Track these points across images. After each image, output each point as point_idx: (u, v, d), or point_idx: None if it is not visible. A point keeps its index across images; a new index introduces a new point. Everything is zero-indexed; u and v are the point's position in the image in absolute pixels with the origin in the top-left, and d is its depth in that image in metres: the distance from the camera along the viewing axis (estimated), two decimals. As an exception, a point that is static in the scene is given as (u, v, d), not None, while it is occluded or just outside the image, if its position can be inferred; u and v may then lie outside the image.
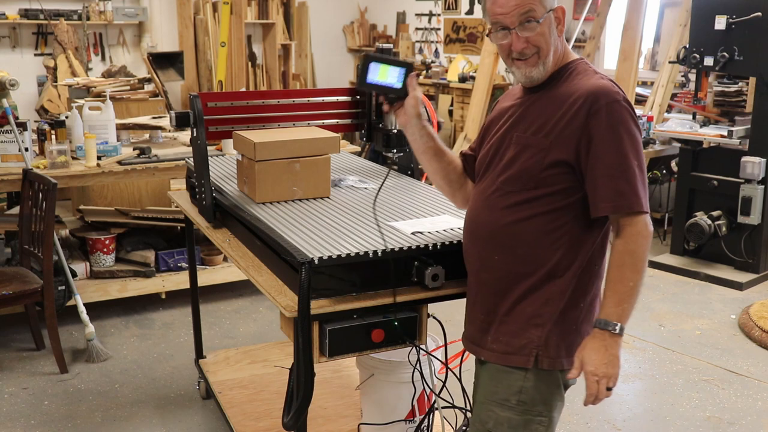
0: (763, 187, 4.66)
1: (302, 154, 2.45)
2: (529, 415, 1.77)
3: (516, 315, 1.76)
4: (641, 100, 6.19)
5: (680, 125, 5.16)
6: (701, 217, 4.84)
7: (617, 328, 1.68)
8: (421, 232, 2.04)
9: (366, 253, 1.89)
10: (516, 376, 1.77)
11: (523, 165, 1.74)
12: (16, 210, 4.05)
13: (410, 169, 2.82)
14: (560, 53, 1.79)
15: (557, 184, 1.71)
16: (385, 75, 1.87)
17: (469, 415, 2.70)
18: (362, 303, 1.89)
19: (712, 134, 4.98)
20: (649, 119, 5.49)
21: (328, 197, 2.48)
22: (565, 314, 1.77)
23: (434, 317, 2.24)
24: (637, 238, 1.67)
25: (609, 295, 1.69)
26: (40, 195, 3.48)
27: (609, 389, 1.70)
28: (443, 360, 2.35)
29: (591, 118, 1.66)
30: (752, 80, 5.23)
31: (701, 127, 5.13)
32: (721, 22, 4.63)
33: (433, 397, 2.47)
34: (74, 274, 3.94)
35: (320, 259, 1.84)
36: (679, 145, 5.17)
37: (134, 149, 4.04)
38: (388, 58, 1.88)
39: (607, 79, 1.74)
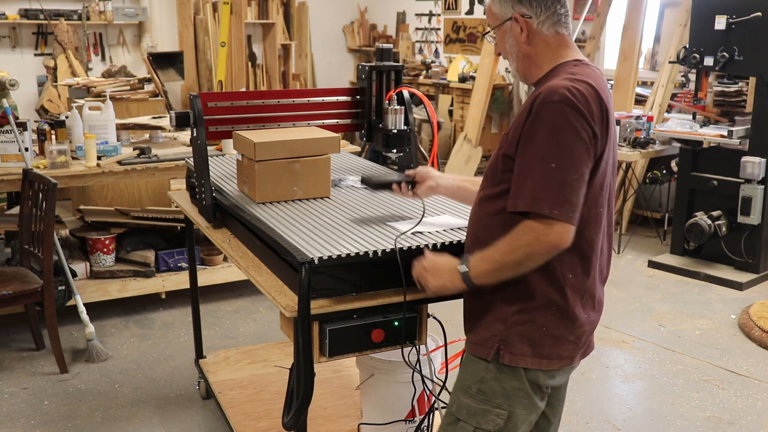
0: (763, 187, 4.66)
1: (302, 154, 2.44)
2: (487, 405, 1.80)
3: (486, 308, 1.80)
4: (641, 100, 6.19)
5: (680, 125, 5.17)
6: (701, 217, 4.84)
7: (463, 268, 1.75)
8: (421, 233, 2.04)
9: (366, 253, 1.89)
10: (479, 366, 1.81)
11: (491, 162, 1.82)
12: (16, 210, 4.05)
13: (410, 169, 2.81)
14: (539, 56, 1.79)
15: (510, 181, 1.72)
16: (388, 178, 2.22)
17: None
18: (362, 303, 1.90)
19: (712, 134, 4.98)
20: (649, 119, 5.49)
21: (328, 197, 2.48)
22: (532, 314, 1.75)
23: (434, 317, 2.24)
24: (525, 234, 1.65)
25: (483, 250, 1.73)
26: (40, 195, 3.48)
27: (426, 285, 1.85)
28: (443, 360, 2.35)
29: (529, 117, 1.67)
30: (752, 80, 5.23)
31: (701, 127, 5.13)
32: (721, 22, 4.63)
33: (433, 398, 2.47)
34: (74, 274, 3.94)
35: (320, 259, 1.84)
36: (679, 145, 5.17)
37: (134, 149, 4.04)
38: (383, 181, 2.22)
39: (571, 80, 1.67)
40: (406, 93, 2.74)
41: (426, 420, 2.49)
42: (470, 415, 1.82)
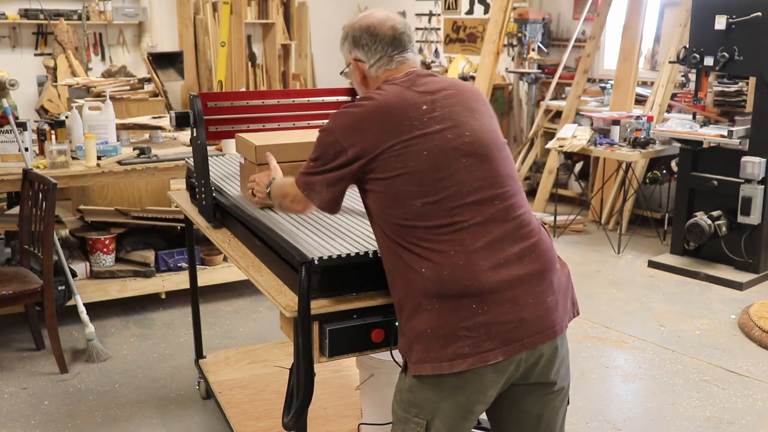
0: (763, 187, 4.66)
1: (305, 158, 2.40)
2: (407, 413, 1.81)
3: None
4: (641, 100, 6.19)
5: (680, 125, 5.17)
6: (701, 217, 4.84)
7: (270, 183, 2.19)
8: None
9: (366, 253, 1.89)
10: (401, 376, 1.85)
11: None
12: (16, 210, 4.05)
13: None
14: (368, 92, 1.94)
15: None
16: None
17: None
18: (362, 303, 1.90)
19: (712, 134, 4.98)
20: (649, 119, 5.49)
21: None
22: (414, 318, 1.75)
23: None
24: (284, 187, 2.05)
25: (283, 179, 2.16)
26: (40, 195, 3.48)
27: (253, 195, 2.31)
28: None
29: None
30: (752, 80, 5.23)
31: (701, 127, 5.13)
32: (721, 22, 4.63)
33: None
34: (74, 274, 3.94)
35: (320, 259, 1.84)
36: (679, 145, 5.17)
37: (134, 149, 4.04)
38: None
39: (369, 95, 1.86)
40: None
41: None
42: (398, 420, 1.85)
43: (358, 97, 1.97)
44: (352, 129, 1.81)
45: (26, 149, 3.73)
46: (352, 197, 2.48)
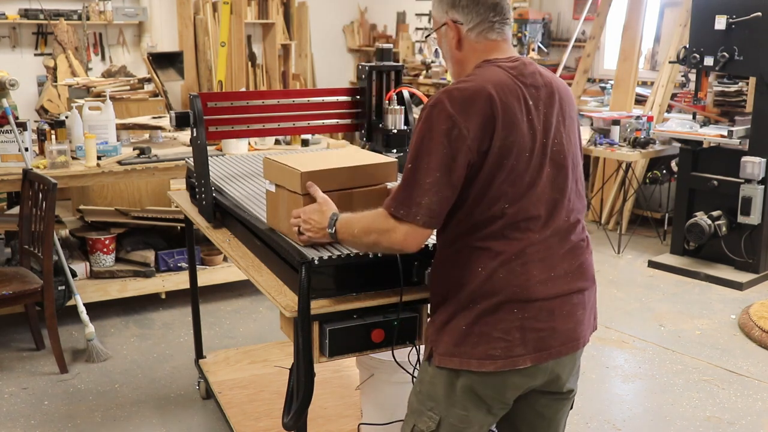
0: (763, 187, 4.66)
1: (357, 185, 2.03)
2: (422, 406, 1.82)
3: (432, 307, 1.87)
4: (641, 100, 6.19)
5: (680, 125, 5.17)
6: (701, 217, 4.84)
7: (332, 231, 1.85)
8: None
9: (366, 253, 1.89)
10: (424, 366, 1.85)
11: None
12: (16, 210, 4.05)
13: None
14: (467, 61, 1.83)
15: None
16: None
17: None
18: (362, 303, 1.89)
19: (712, 134, 4.98)
20: (649, 119, 5.49)
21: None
22: (454, 315, 1.75)
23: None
24: (380, 222, 1.72)
25: (352, 215, 1.83)
26: (40, 195, 3.48)
27: (300, 233, 1.94)
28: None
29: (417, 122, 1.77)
30: (752, 80, 5.23)
31: (701, 127, 5.13)
32: (721, 22, 4.63)
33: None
34: (74, 274, 3.94)
35: (320, 259, 1.84)
36: (679, 145, 5.17)
37: (134, 149, 4.04)
38: None
39: (461, 82, 1.71)
40: (406, 93, 2.74)
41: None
42: (412, 412, 1.86)
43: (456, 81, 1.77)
44: (468, 109, 1.65)
45: (26, 149, 3.73)
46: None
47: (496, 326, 1.71)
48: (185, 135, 4.44)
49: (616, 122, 5.45)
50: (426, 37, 1.96)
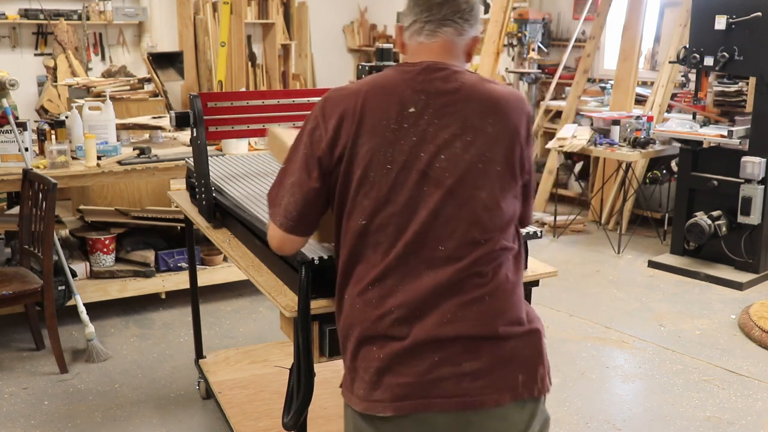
0: (763, 187, 4.66)
1: None
2: None
3: None
4: (641, 100, 6.19)
5: (680, 125, 5.17)
6: (701, 217, 4.84)
7: None
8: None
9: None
10: None
11: None
12: (16, 210, 4.05)
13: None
14: None
15: None
16: None
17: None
18: (362, 303, 1.89)
19: (712, 134, 4.98)
20: (649, 119, 5.49)
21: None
22: (342, 344, 1.67)
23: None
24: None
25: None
26: (40, 195, 3.48)
27: None
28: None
29: None
30: (752, 80, 5.23)
31: (701, 127, 5.13)
32: (721, 22, 4.63)
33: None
34: (74, 274, 3.94)
35: (320, 258, 1.84)
36: (679, 145, 5.17)
37: (134, 149, 4.04)
38: None
39: (345, 86, 1.67)
40: (406, 93, 2.73)
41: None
42: None
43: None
44: (333, 110, 1.58)
45: (26, 149, 3.73)
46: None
47: (361, 364, 1.58)
48: (185, 135, 4.44)
49: (616, 122, 5.45)
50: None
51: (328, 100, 1.62)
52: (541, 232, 2.13)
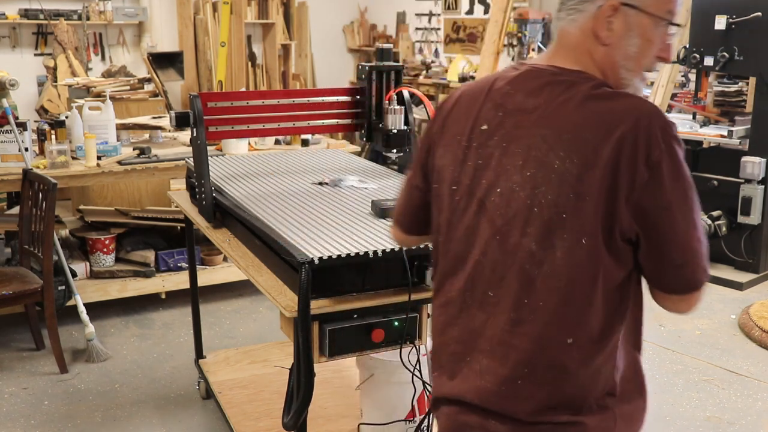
0: (763, 187, 4.66)
1: None
2: None
3: None
4: (641, 100, 6.18)
5: (680, 125, 5.16)
6: (701, 217, 4.84)
7: None
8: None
9: (366, 253, 1.89)
10: None
11: None
12: (16, 210, 4.05)
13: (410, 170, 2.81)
14: None
15: None
16: None
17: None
18: (362, 303, 1.89)
19: (712, 134, 4.98)
20: (649, 119, 5.48)
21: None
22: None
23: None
24: None
25: None
26: (40, 195, 3.48)
27: None
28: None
29: None
30: (752, 80, 5.22)
31: (701, 127, 5.13)
32: (721, 22, 4.63)
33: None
34: (74, 274, 3.94)
35: (320, 259, 1.84)
36: (679, 145, 5.16)
37: (134, 149, 4.04)
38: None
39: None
40: (406, 93, 2.74)
41: (426, 420, 2.49)
42: None
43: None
44: (441, 105, 1.47)
45: (26, 149, 3.73)
46: (362, 200, 2.48)
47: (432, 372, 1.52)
48: (185, 135, 4.44)
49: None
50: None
51: (448, 97, 1.47)
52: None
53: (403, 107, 2.71)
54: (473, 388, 1.34)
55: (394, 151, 2.74)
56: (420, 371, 2.32)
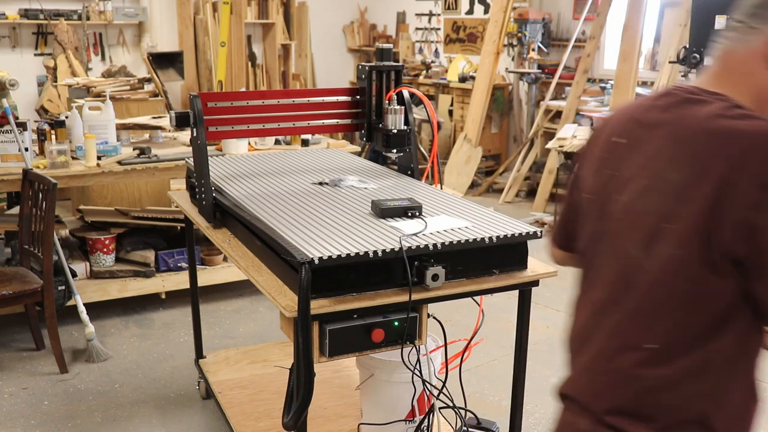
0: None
1: None
2: None
3: None
4: (641, 100, 6.19)
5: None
6: None
7: None
8: (421, 233, 2.04)
9: (366, 253, 1.89)
10: None
11: None
12: (16, 210, 4.05)
13: (410, 169, 2.82)
14: None
15: None
16: None
17: (469, 415, 2.70)
18: (362, 303, 1.89)
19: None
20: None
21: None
22: None
23: (434, 317, 2.24)
24: None
25: None
26: (40, 195, 3.48)
27: None
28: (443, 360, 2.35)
29: None
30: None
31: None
32: (721, 22, 4.63)
33: (433, 398, 2.47)
34: (74, 274, 3.94)
35: (320, 259, 1.84)
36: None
37: (134, 149, 4.04)
38: (393, 207, 2.15)
39: None
40: (406, 93, 2.74)
41: (426, 420, 2.49)
42: None
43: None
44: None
45: (26, 149, 3.73)
46: (362, 200, 2.48)
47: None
48: (185, 135, 4.44)
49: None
50: None
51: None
52: (541, 232, 2.13)
53: (403, 107, 2.71)
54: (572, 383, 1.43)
55: (394, 151, 2.74)
56: (420, 371, 2.32)
